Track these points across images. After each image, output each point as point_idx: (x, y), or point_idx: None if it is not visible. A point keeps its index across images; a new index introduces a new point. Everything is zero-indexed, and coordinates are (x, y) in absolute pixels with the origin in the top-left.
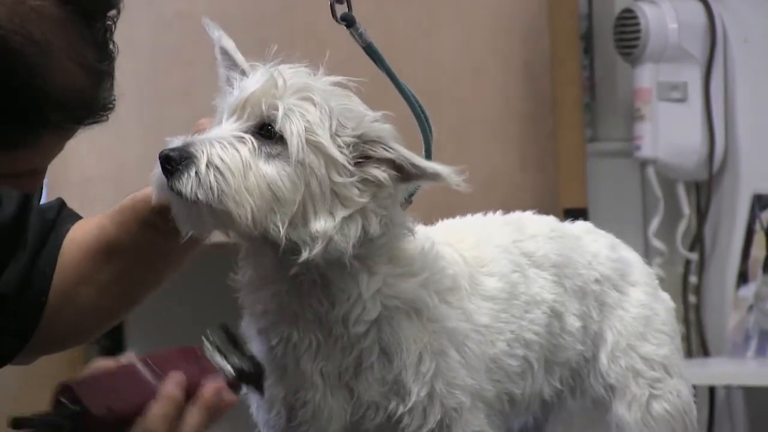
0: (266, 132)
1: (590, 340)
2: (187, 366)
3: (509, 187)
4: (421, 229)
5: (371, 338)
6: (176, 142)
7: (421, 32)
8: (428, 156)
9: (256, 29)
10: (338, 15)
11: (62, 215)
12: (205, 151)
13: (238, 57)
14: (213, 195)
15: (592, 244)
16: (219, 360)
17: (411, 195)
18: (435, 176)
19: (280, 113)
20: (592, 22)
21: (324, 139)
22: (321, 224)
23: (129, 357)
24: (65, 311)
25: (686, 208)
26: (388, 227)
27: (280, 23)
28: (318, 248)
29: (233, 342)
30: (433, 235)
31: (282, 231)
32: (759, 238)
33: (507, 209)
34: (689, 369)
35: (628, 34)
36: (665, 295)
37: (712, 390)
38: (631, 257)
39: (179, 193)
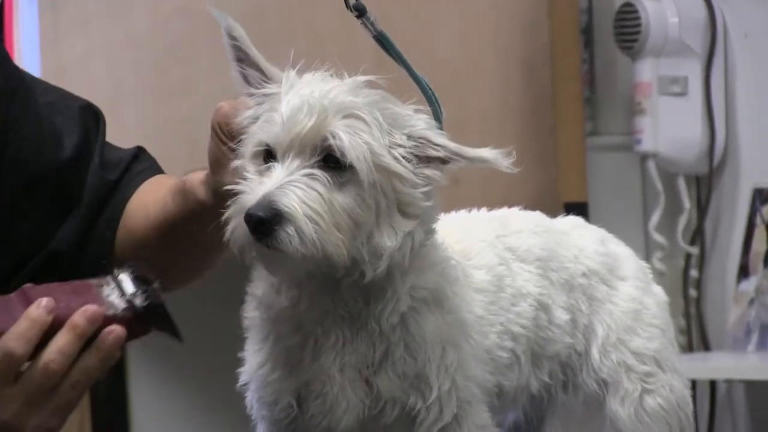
0: (331, 161)
1: (581, 333)
2: (70, 298)
3: (509, 181)
4: None
5: (398, 332)
6: (254, 195)
7: (419, 26)
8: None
9: (254, 24)
10: (351, 4)
11: (132, 172)
12: (297, 205)
13: (253, 52)
14: (316, 247)
15: (579, 238)
16: (113, 296)
17: None
18: (482, 161)
19: (346, 143)
20: (592, 16)
21: (384, 155)
22: (384, 240)
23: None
24: None
25: (687, 202)
26: (429, 230)
27: (278, 18)
28: (382, 266)
29: (143, 281)
30: None
31: (365, 252)
32: (759, 232)
33: (507, 204)
34: (690, 363)
35: (628, 28)
36: (658, 289)
37: (713, 384)
38: (621, 251)
39: (278, 250)
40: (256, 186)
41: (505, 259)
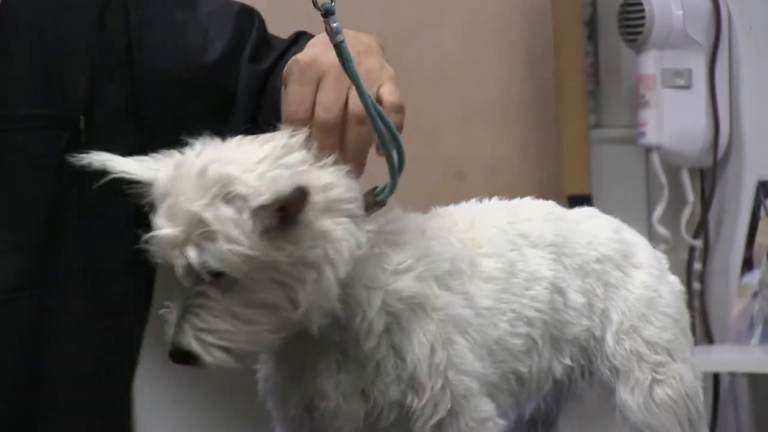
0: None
1: (597, 317)
2: None
3: (513, 173)
4: (411, 218)
5: (385, 345)
6: (168, 327)
7: (423, 18)
8: (398, 172)
9: None
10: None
11: (286, 57)
12: (194, 343)
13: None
14: (237, 354)
15: (592, 226)
16: None
17: (381, 198)
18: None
19: (196, 262)
20: (596, 8)
21: (242, 245)
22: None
23: None
24: None
25: (691, 195)
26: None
27: (282, 20)
28: (316, 320)
29: None
30: (423, 222)
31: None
32: (764, 225)
33: (511, 196)
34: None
35: (632, 20)
36: (673, 278)
37: (716, 377)
38: (636, 240)
39: None
40: (171, 311)
41: (517, 245)
